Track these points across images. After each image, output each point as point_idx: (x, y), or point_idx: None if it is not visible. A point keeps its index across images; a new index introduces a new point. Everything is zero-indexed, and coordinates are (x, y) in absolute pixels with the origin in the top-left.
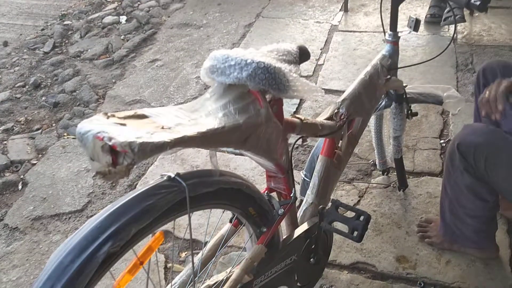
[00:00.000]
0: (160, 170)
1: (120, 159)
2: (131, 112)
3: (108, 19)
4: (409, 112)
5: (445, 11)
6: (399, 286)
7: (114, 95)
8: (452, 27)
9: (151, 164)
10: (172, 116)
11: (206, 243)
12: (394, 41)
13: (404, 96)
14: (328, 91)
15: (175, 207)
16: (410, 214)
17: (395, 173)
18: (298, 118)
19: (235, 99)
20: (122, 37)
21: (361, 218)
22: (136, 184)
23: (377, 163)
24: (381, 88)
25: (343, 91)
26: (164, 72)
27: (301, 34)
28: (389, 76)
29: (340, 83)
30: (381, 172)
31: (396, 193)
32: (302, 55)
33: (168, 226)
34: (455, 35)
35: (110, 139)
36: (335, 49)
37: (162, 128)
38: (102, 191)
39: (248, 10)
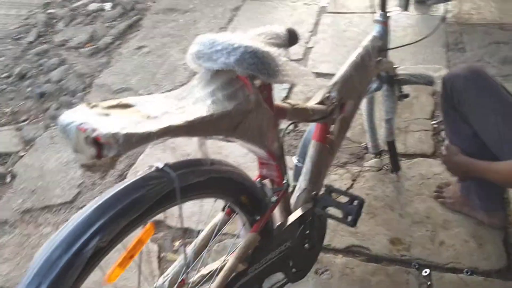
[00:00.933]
0: (150, 159)
1: (104, 151)
2: (115, 101)
3: (93, 6)
4: (401, 94)
5: None
6: (394, 268)
7: (101, 83)
8: (442, 6)
9: (141, 153)
10: (159, 104)
11: (199, 231)
12: (384, 22)
13: (395, 78)
14: (318, 75)
15: (165, 198)
16: (403, 197)
17: (388, 156)
18: (288, 103)
19: (223, 85)
20: (107, 24)
21: (355, 202)
22: (126, 173)
23: (369, 146)
24: (372, 70)
25: (334, 74)
26: (151, 59)
27: (290, 16)
28: (380, 58)
29: (330, 66)
30: (373, 155)
31: (389, 175)
32: (291, 38)
33: (160, 216)
34: (445, 15)
35: (93, 130)
36: (324, 31)
37: (148, 117)
38: (92, 181)
39: None
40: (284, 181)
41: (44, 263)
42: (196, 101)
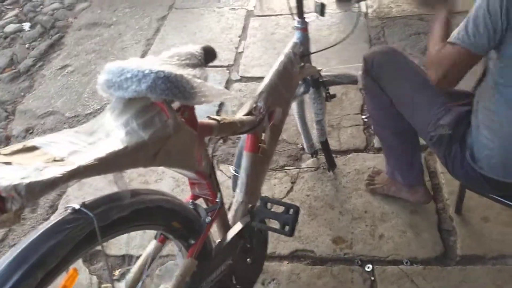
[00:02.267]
0: (85, 185)
1: (7, 205)
2: (19, 146)
3: (10, 27)
4: (328, 95)
5: None
6: (339, 268)
7: (24, 109)
8: (363, 3)
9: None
10: (66, 143)
11: (139, 257)
12: (303, 28)
13: (321, 80)
14: (250, 79)
15: (85, 241)
16: (341, 194)
17: (323, 155)
18: (214, 119)
19: (137, 114)
20: (27, 46)
21: (291, 211)
22: (58, 204)
23: (305, 146)
24: (297, 76)
25: (264, 77)
26: (76, 78)
27: (217, 23)
28: (302, 64)
29: (262, 70)
30: (310, 155)
31: (326, 174)
32: (208, 55)
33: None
34: (362, 13)
35: None
36: (253, 35)
37: (54, 160)
38: (22, 216)
39: (160, 2)
40: (218, 199)
41: None
42: (108, 134)
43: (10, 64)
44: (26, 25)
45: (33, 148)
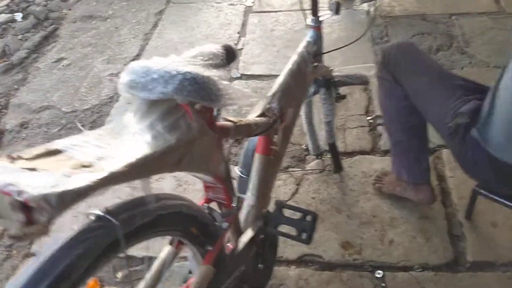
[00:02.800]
0: None
1: (36, 216)
2: (41, 149)
3: (1, 17)
4: (337, 96)
5: None
6: (348, 274)
7: (18, 103)
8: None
9: None
10: (92, 146)
11: (143, 258)
12: (317, 26)
13: (332, 81)
14: (251, 77)
15: (109, 250)
16: (349, 197)
17: (329, 156)
18: (231, 121)
19: (162, 116)
20: (19, 37)
21: (308, 217)
22: None
23: (310, 148)
24: (309, 76)
25: (266, 76)
26: (73, 72)
27: (216, 18)
28: (316, 63)
29: (262, 67)
30: (315, 157)
31: (332, 176)
32: (229, 55)
33: None
34: (372, 13)
35: (19, 193)
36: (252, 32)
37: (82, 166)
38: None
39: None
40: (234, 204)
41: None
42: (134, 138)
43: (2, 55)
44: (18, 16)
45: (56, 152)
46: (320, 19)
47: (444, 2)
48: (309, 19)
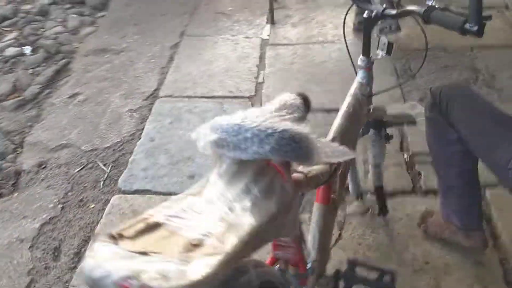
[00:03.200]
0: (108, 228)
1: None
2: (139, 223)
3: (10, 51)
4: (386, 136)
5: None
6: None
7: (34, 141)
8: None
9: (97, 223)
10: (191, 216)
11: None
12: (368, 67)
13: (382, 122)
14: None
15: None
16: (397, 242)
17: (372, 198)
18: (301, 173)
19: (255, 177)
20: (30, 71)
21: (386, 277)
22: (83, 250)
23: (350, 189)
24: (363, 118)
25: None
26: (90, 108)
27: (233, 51)
28: (371, 106)
29: None
30: (355, 198)
31: (375, 219)
32: (306, 104)
33: None
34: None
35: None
36: (271, 65)
37: (192, 245)
38: (44, 264)
39: (170, 29)
40: (309, 266)
41: None
42: (233, 204)
43: (13, 90)
44: (27, 49)
45: (156, 226)
46: (372, 59)
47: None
48: (360, 59)
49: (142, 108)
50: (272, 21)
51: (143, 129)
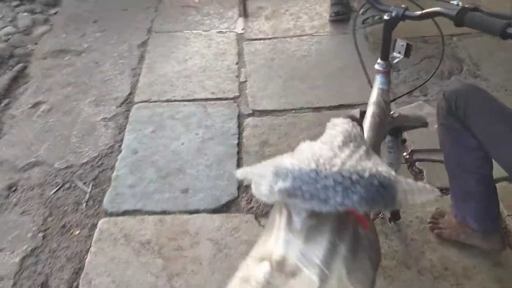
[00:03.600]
0: (101, 258)
1: None
2: None
3: None
4: (400, 140)
5: (360, 11)
6: None
7: None
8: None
9: (86, 252)
10: None
11: None
12: (386, 71)
13: (400, 127)
14: (264, 113)
15: None
16: (412, 248)
17: None
18: None
19: (338, 232)
20: None
21: None
22: (75, 284)
23: None
24: (387, 126)
25: (280, 111)
26: (57, 118)
27: (208, 48)
28: (396, 113)
29: (273, 101)
30: None
31: (387, 225)
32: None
33: None
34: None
35: None
36: (252, 62)
37: None
38: None
39: (135, 25)
40: None
41: None
42: (324, 273)
43: None
44: None
45: None
46: (391, 63)
47: (439, 23)
48: (378, 64)
49: (117, 116)
50: (245, 14)
51: (122, 140)
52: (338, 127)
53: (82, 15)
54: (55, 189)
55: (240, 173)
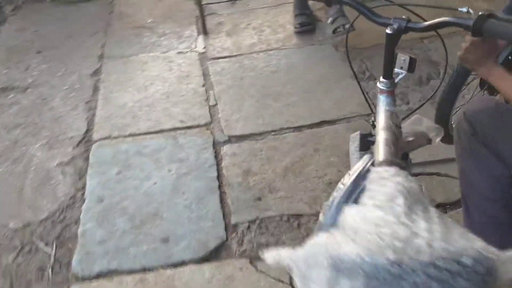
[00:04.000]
0: None
1: None
2: None
3: None
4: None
5: (329, 21)
6: None
7: None
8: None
9: None
10: None
11: None
12: (391, 90)
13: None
14: (241, 138)
15: None
16: None
17: None
18: None
19: None
20: None
21: None
22: None
23: None
24: (401, 149)
25: (259, 134)
26: (5, 169)
27: (169, 71)
28: (410, 137)
29: (248, 124)
30: None
31: None
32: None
33: None
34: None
35: None
36: (219, 82)
37: None
38: None
39: (84, 53)
40: None
41: None
42: None
43: None
44: None
45: None
46: (396, 81)
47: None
48: (381, 82)
49: (75, 158)
50: (204, 31)
51: (84, 187)
52: (389, 181)
53: (23, 46)
54: (14, 255)
55: (271, 257)
